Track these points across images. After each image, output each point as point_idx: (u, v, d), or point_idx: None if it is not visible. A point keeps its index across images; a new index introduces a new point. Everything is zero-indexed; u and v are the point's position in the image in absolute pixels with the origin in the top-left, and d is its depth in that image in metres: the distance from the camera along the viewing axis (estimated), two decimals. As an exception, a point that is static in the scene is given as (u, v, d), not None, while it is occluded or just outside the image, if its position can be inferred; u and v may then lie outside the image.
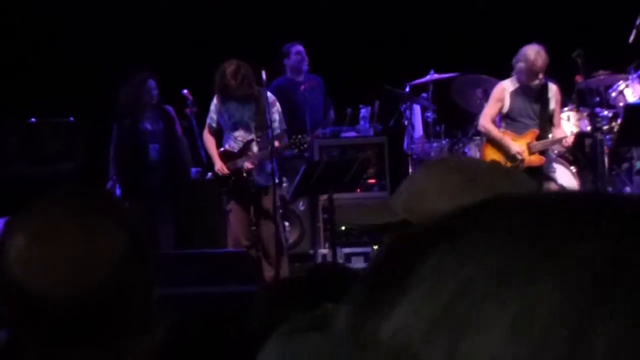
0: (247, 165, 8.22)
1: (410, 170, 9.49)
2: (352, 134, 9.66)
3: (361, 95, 9.72)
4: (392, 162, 9.49)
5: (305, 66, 9.36)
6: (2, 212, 5.09)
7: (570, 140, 8.49)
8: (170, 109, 8.87)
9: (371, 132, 9.64)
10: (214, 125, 8.44)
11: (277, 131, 8.29)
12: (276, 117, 8.34)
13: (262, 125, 8.24)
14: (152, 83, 8.83)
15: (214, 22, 11.01)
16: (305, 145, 8.45)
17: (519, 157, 8.24)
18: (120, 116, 8.85)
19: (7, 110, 9.86)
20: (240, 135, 8.35)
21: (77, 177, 9.20)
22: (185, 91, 8.99)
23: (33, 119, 9.89)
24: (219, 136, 8.52)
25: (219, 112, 8.39)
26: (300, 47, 9.40)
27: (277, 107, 8.41)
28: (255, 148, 8.33)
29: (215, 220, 8.95)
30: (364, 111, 9.63)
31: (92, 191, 1.75)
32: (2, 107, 9.86)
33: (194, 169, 9.09)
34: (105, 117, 9.04)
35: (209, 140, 8.51)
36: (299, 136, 8.24)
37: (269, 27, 10.55)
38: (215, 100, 8.40)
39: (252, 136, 8.32)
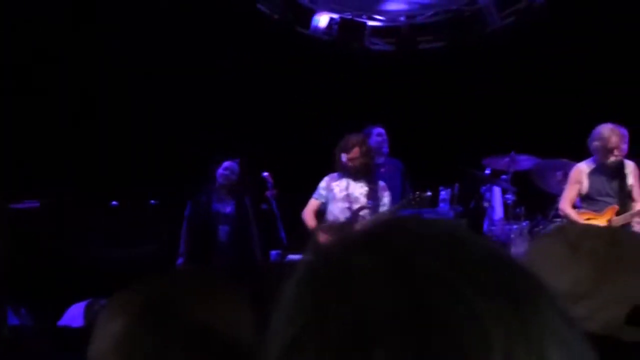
0: None
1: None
2: (432, 215, 9.57)
3: (441, 177, 9.67)
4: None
5: (385, 148, 9.36)
6: (85, 295, 5.13)
7: (651, 211, 8.35)
8: (247, 198, 8.93)
9: (451, 214, 9.54)
10: (323, 201, 8.46)
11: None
12: (386, 201, 8.38)
13: (373, 198, 8.29)
14: (228, 165, 8.93)
15: (293, 108, 11.11)
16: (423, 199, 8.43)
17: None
18: (195, 194, 8.96)
19: (90, 193, 10.00)
20: (347, 206, 8.35)
21: (157, 260, 9.23)
22: (266, 174, 9.01)
23: (115, 202, 10.01)
24: (319, 215, 8.51)
25: (328, 189, 8.43)
26: (381, 130, 9.40)
27: (388, 193, 8.45)
28: (365, 214, 8.31)
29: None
30: (444, 193, 9.55)
31: None
32: (85, 190, 10.00)
33: (273, 252, 9.06)
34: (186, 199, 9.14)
35: (311, 218, 8.46)
36: (418, 193, 8.29)
37: (346, 111, 10.59)
38: (327, 178, 8.48)
39: (361, 204, 8.34)
